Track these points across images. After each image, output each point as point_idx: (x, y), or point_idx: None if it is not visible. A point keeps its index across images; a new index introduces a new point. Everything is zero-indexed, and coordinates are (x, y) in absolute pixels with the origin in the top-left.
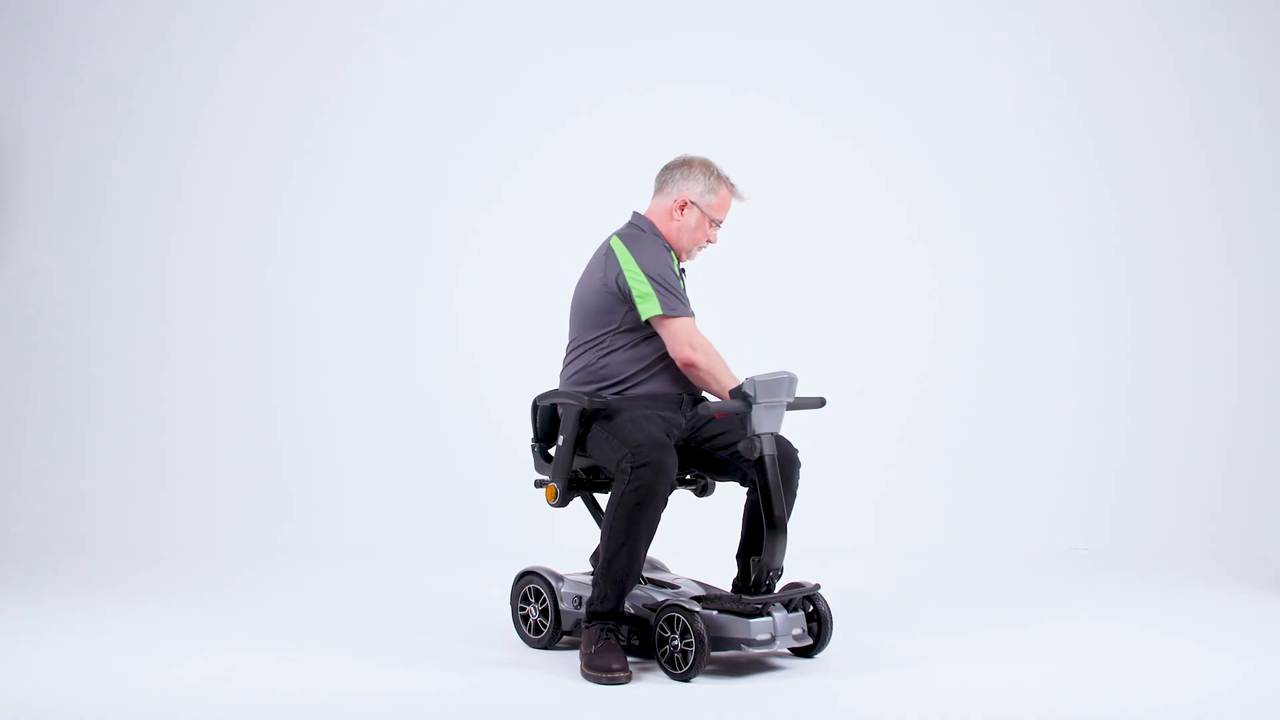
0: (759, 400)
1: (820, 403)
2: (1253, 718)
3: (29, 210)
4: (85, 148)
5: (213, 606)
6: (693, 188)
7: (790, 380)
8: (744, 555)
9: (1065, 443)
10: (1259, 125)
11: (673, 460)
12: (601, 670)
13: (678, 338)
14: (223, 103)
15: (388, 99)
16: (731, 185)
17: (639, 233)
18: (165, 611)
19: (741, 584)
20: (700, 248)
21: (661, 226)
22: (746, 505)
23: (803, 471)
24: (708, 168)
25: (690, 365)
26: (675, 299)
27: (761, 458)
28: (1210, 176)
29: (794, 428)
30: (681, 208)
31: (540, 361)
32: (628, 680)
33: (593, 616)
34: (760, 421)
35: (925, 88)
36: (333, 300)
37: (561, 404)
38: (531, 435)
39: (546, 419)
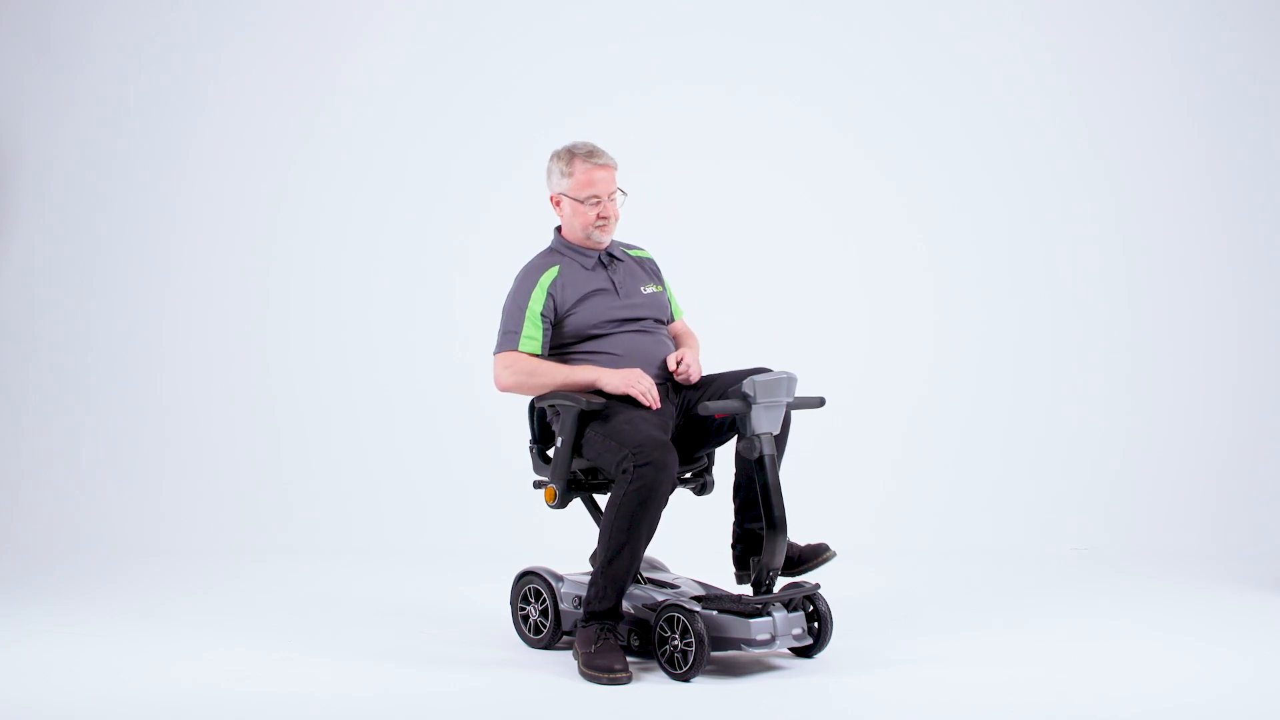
0: (758, 400)
1: (820, 402)
2: (1254, 718)
3: (29, 210)
4: (85, 147)
5: (211, 606)
6: (553, 182)
7: (789, 380)
8: (739, 524)
9: (1065, 443)
10: (1259, 125)
11: (674, 459)
12: (602, 670)
13: (493, 374)
14: (222, 103)
15: (385, 100)
16: (587, 155)
17: (530, 262)
18: (164, 611)
19: (741, 548)
20: (601, 227)
21: (563, 227)
22: (735, 478)
23: (804, 471)
24: (558, 156)
25: (504, 390)
26: (503, 335)
27: (761, 457)
28: (1210, 176)
29: (795, 428)
30: (556, 204)
31: None
32: (628, 680)
33: (590, 615)
34: (760, 421)
35: (928, 88)
36: (331, 301)
37: (559, 405)
38: (530, 437)
39: (539, 421)
